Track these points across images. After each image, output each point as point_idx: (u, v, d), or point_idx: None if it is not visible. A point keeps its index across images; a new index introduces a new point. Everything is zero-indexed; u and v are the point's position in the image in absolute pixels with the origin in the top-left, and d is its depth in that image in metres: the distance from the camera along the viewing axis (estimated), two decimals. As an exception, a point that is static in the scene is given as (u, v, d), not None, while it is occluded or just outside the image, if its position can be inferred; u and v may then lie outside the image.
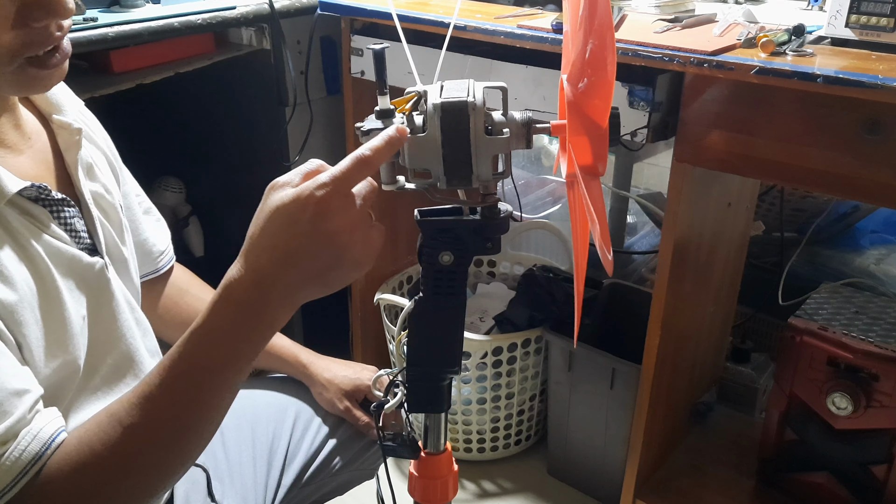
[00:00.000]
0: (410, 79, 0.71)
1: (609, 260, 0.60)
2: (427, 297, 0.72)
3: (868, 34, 1.04)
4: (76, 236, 0.76)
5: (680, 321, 1.36)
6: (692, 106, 1.13)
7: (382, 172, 0.69)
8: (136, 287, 0.88)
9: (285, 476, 1.02)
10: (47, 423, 0.65)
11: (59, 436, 0.65)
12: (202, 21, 1.38)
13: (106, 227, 0.81)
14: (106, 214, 0.82)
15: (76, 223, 0.76)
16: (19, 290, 0.67)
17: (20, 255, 0.68)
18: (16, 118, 0.74)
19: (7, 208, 0.68)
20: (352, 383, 1.08)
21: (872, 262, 1.79)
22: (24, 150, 0.74)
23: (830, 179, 1.04)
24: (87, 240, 0.77)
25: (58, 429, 0.66)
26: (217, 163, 1.86)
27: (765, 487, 1.47)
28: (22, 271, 0.68)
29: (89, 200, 0.79)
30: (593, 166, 0.62)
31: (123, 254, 0.84)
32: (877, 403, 1.25)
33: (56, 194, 0.73)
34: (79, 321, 0.74)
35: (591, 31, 0.59)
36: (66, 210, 0.75)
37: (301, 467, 1.03)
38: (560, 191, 2.33)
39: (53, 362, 0.71)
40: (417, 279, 1.18)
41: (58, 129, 0.78)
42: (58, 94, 0.80)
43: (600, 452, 1.58)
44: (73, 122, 0.78)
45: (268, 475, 1.00)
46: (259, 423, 1.04)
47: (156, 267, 0.99)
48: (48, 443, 0.64)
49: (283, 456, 1.03)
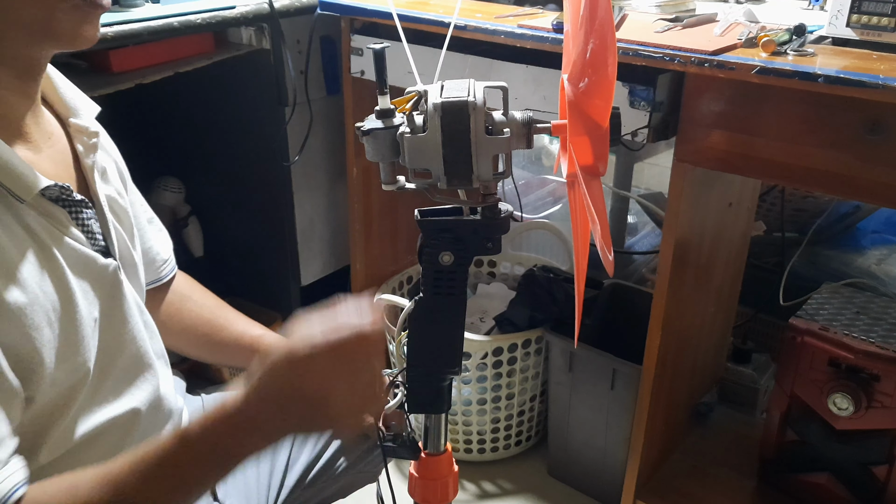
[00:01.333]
0: (410, 78, 0.71)
1: (610, 260, 0.59)
2: (427, 297, 0.72)
3: (869, 34, 1.04)
4: (92, 238, 0.76)
5: (681, 321, 1.36)
6: (693, 106, 1.13)
7: (382, 172, 0.69)
8: (143, 291, 0.88)
9: (288, 477, 1.02)
10: (5, 478, 0.63)
11: (15, 493, 0.63)
12: (202, 21, 1.38)
13: (118, 230, 0.81)
14: (118, 218, 0.83)
15: (93, 225, 0.77)
16: (31, 292, 0.67)
17: (40, 258, 0.69)
18: (37, 117, 0.75)
19: (27, 208, 0.68)
20: None
21: (873, 263, 1.78)
22: (44, 148, 0.75)
23: (831, 179, 1.03)
24: (101, 242, 0.78)
25: (14, 485, 0.64)
26: (217, 163, 1.86)
27: (766, 488, 1.47)
28: (40, 274, 0.68)
29: (104, 203, 0.79)
30: (594, 166, 0.62)
31: (134, 257, 0.85)
32: (878, 404, 1.25)
33: (76, 195, 0.74)
34: (90, 324, 0.74)
35: (592, 30, 0.59)
36: (84, 211, 0.75)
37: (304, 469, 1.03)
38: (560, 191, 2.33)
39: (64, 365, 0.71)
40: (417, 279, 1.18)
41: (75, 133, 0.79)
42: (74, 97, 0.81)
43: (601, 453, 1.58)
44: (90, 126, 0.79)
45: (271, 475, 1.00)
46: None
47: (158, 276, 0.99)
48: (2, 501, 0.62)
49: (287, 456, 1.02)
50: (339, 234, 1.87)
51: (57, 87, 0.80)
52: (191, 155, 1.89)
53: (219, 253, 1.94)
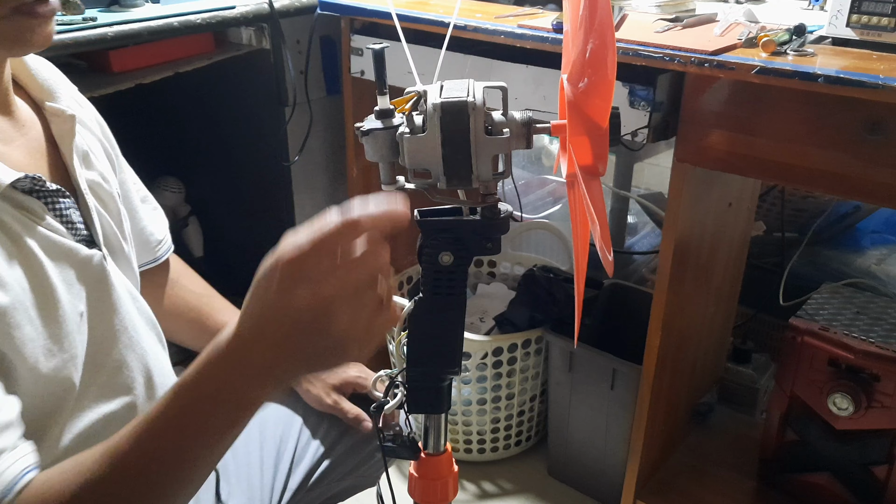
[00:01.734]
0: (410, 78, 0.71)
1: (609, 260, 0.59)
2: (427, 297, 0.72)
3: (869, 34, 1.04)
4: (72, 228, 0.74)
5: (681, 321, 1.36)
6: (693, 106, 1.13)
7: (382, 172, 0.69)
8: (136, 277, 0.86)
9: (292, 479, 1.01)
10: (13, 462, 0.61)
11: (24, 477, 0.60)
12: (202, 21, 1.38)
13: (104, 217, 0.79)
14: (104, 204, 0.80)
15: (72, 214, 0.74)
16: (11, 290, 0.66)
17: (13, 253, 0.67)
18: (7, 106, 0.73)
19: (0, 202, 0.67)
20: (339, 378, 1.05)
21: (873, 263, 1.78)
22: (16, 139, 0.73)
23: (831, 179, 1.03)
24: (83, 231, 0.76)
25: (23, 469, 0.61)
26: (217, 163, 1.86)
27: (765, 488, 1.47)
28: (15, 270, 0.67)
29: (86, 190, 0.76)
30: (594, 166, 0.62)
31: (122, 244, 0.82)
32: (878, 404, 1.25)
33: (51, 185, 0.71)
34: (76, 317, 0.72)
35: (592, 30, 0.59)
36: (61, 201, 0.72)
37: (307, 470, 1.03)
38: (560, 191, 2.33)
39: (52, 361, 0.69)
40: (417, 279, 1.18)
41: (51, 117, 0.76)
42: (50, 79, 0.78)
43: (601, 453, 1.58)
44: (66, 109, 0.76)
45: (274, 477, 0.99)
46: (267, 425, 1.03)
47: (154, 256, 0.96)
48: (11, 485, 0.60)
49: (291, 459, 1.02)
50: (339, 234, 1.87)
51: (32, 71, 0.77)
52: (191, 155, 1.90)
53: (219, 253, 1.94)
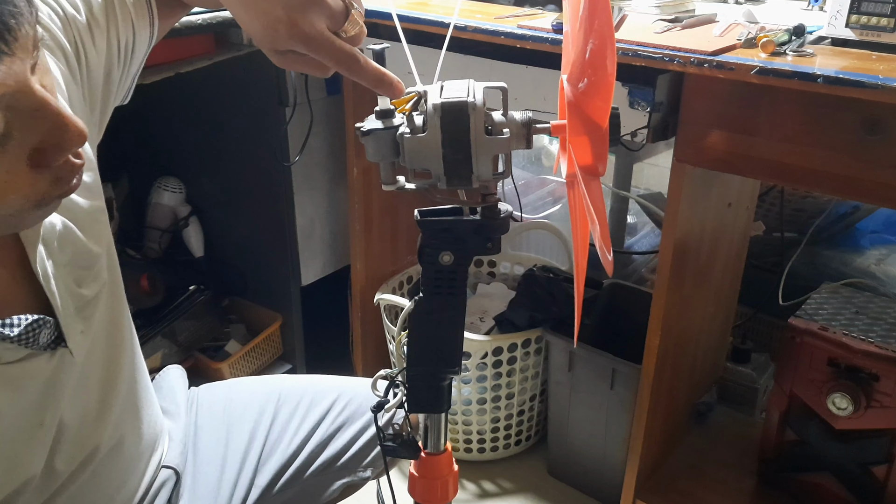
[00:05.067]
0: (410, 79, 0.71)
1: (609, 260, 0.59)
2: (427, 297, 0.72)
3: (868, 34, 1.04)
4: (21, 339, 0.67)
5: (680, 321, 1.36)
6: (692, 106, 1.13)
7: (382, 172, 0.69)
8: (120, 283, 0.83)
9: (258, 477, 1.00)
10: None
11: None
12: (202, 21, 1.38)
13: (62, 289, 0.71)
14: (66, 257, 0.72)
15: (21, 322, 0.66)
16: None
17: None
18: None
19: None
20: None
21: (873, 263, 1.79)
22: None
23: (831, 179, 1.04)
24: (35, 330, 0.67)
25: None
26: (217, 163, 1.86)
27: (765, 488, 1.47)
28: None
29: (50, 273, 0.69)
30: (593, 166, 0.62)
31: (89, 288, 0.76)
32: (877, 404, 1.25)
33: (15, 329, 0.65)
34: (25, 428, 0.69)
35: (592, 31, 0.59)
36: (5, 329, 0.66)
37: (278, 469, 1.01)
38: (560, 191, 2.33)
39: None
40: (417, 279, 1.18)
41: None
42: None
43: (600, 452, 1.58)
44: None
45: (238, 475, 0.99)
46: (234, 423, 1.03)
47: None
48: None
49: (258, 456, 1.01)
50: (339, 234, 1.87)
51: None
52: (191, 155, 1.90)
53: (219, 253, 1.94)
